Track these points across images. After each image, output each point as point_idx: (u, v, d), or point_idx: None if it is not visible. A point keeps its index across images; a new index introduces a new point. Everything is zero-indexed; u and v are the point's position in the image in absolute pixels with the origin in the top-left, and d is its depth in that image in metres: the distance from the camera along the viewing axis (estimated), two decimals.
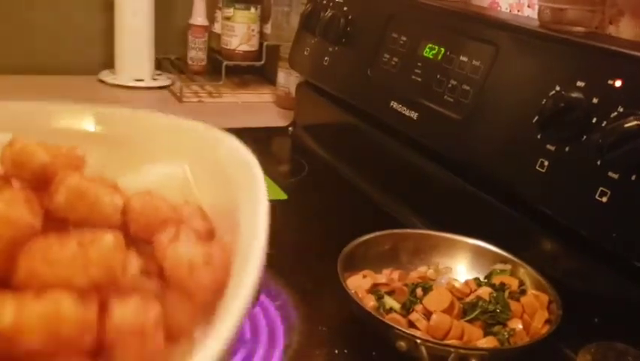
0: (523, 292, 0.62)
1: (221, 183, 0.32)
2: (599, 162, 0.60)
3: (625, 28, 0.76)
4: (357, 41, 1.02)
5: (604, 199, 0.59)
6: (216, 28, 1.49)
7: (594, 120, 0.61)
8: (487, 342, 0.57)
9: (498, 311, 0.59)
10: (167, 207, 0.30)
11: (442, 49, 0.84)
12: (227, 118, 1.29)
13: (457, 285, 0.64)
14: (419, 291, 0.62)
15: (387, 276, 0.65)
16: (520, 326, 0.58)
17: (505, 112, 0.72)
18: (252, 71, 1.53)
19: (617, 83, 0.60)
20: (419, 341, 0.54)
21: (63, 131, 0.31)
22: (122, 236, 0.26)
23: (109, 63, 1.45)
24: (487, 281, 0.65)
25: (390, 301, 0.61)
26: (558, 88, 0.65)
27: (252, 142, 1.18)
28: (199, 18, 1.46)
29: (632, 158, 0.56)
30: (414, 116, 0.86)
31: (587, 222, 0.61)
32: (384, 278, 0.65)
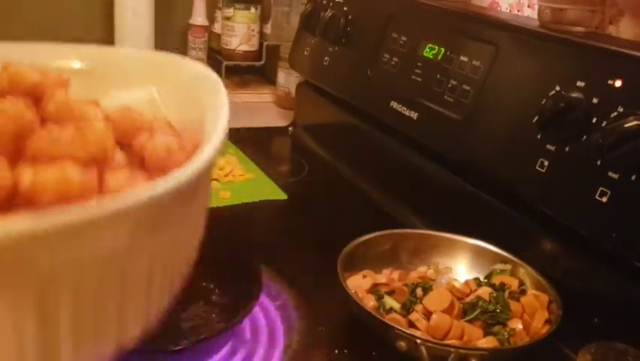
0: (523, 292, 0.62)
1: (187, 101, 0.36)
2: (599, 162, 0.60)
3: (625, 28, 0.76)
4: (357, 41, 1.02)
5: (604, 199, 0.59)
6: (216, 28, 1.49)
7: (594, 120, 0.61)
8: (487, 342, 0.57)
9: (498, 311, 0.59)
10: (143, 118, 0.35)
11: (442, 49, 0.84)
12: None
13: (457, 285, 0.64)
14: (419, 291, 0.62)
15: (387, 276, 0.65)
16: (520, 326, 0.58)
17: (505, 112, 0.72)
18: (252, 71, 1.53)
19: (617, 83, 0.60)
20: (419, 341, 0.54)
21: (44, 67, 0.35)
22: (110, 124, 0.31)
23: None
24: (487, 281, 0.65)
25: (390, 301, 0.61)
26: (558, 88, 0.65)
27: (252, 142, 1.18)
28: (199, 18, 1.46)
29: (632, 158, 0.56)
30: (414, 116, 0.86)
31: (587, 222, 0.61)
32: (384, 278, 0.65)
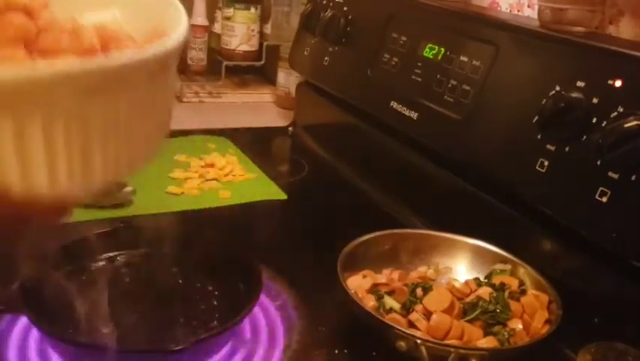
0: (523, 292, 0.62)
1: (148, 20, 0.40)
2: (599, 162, 0.60)
3: (625, 28, 0.76)
4: (357, 41, 1.02)
5: (604, 199, 0.59)
6: (216, 28, 1.49)
7: (594, 120, 0.61)
8: (487, 342, 0.57)
9: (498, 311, 0.59)
10: (118, 32, 0.39)
11: (442, 49, 0.84)
12: (227, 118, 1.28)
13: (457, 285, 0.64)
14: (419, 291, 0.62)
15: (387, 276, 0.65)
16: (520, 326, 0.58)
17: (505, 112, 0.72)
18: (252, 71, 1.53)
19: (617, 83, 0.60)
20: (419, 341, 0.54)
21: None
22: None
23: None
24: (487, 281, 0.65)
25: (390, 301, 0.61)
26: (558, 88, 0.65)
27: (252, 142, 1.18)
28: (199, 18, 1.46)
29: (632, 158, 0.56)
30: (414, 116, 0.86)
31: (587, 222, 0.61)
32: (384, 278, 0.65)
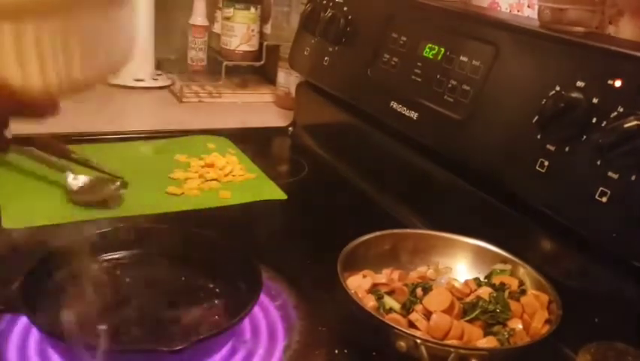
0: (523, 292, 0.62)
1: None
2: (599, 162, 0.60)
3: (625, 28, 0.76)
4: (357, 41, 1.02)
5: (604, 199, 0.59)
6: (216, 28, 1.49)
7: (594, 120, 0.61)
8: (487, 342, 0.57)
9: (498, 311, 0.59)
10: None
11: (442, 49, 0.84)
12: (227, 118, 1.29)
13: (457, 285, 0.64)
14: (419, 291, 0.62)
15: (387, 276, 0.65)
16: (520, 326, 0.58)
17: (505, 112, 0.72)
18: (252, 71, 1.53)
19: (617, 83, 0.60)
20: (419, 341, 0.54)
21: None
22: None
23: None
24: (487, 281, 0.65)
25: (390, 301, 0.61)
26: (558, 88, 0.65)
27: (252, 142, 1.18)
28: (199, 18, 1.46)
29: (632, 158, 0.56)
30: (414, 116, 0.86)
31: (587, 222, 0.61)
32: (384, 278, 0.65)
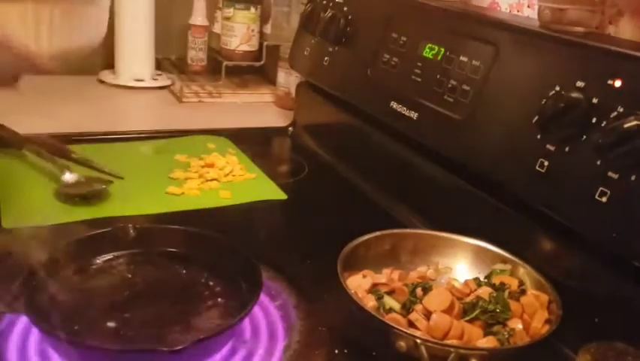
0: (523, 292, 0.62)
1: None
2: (599, 162, 0.60)
3: (625, 28, 0.76)
4: (357, 41, 1.02)
5: (604, 199, 0.59)
6: (216, 28, 1.49)
7: (594, 120, 0.61)
8: (487, 342, 0.57)
9: (498, 311, 0.59)
10: None
11: (442, 49, 0.84)
12: (227, 118, 1.29)
13: (457, 285, 0.64)
14: (419, 291, 0.62)
15: (387, 276, 0.65)
16: (520, 326, 0.58)
17: (505, 112, 0.72)
18: (252, 71, 1.53)
19: (617, 83, 0.60)
20: (419, 341, 0.54)
21: None
22: None
23: (109, 63, 1.45)
24: (487, 281, 0.65)
25: (390, 301, 0.61)
26: (558, 88, 0.65)
27: (252, 142, 1.18)
28: (199, 18, 1.46)
29: (632, 158, 0.56)
30: (414, 116, 0.86)
31: (587, 222, 0.61)
32: (384, 278, 0.65)
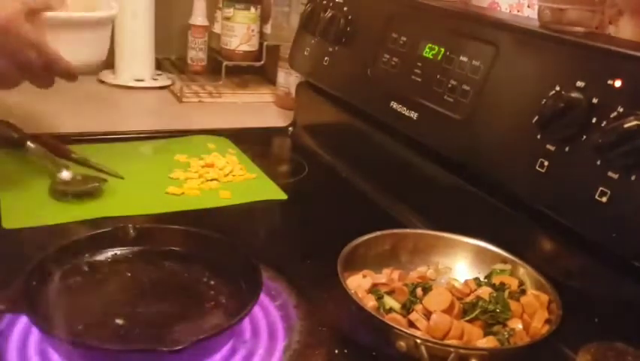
0: (523, 292, 0.62)
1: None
2: (599, 162, 0.60)
3: (625, 28, 0.76)
4: (357, 41, 1.02)
5: (604, 199, 0.59)
6: (216, 28, 1.49)
7: (594, 120, 0.61)
8: (487, 342, 0.57)
9: (498, 311, 0.59)
10: None
11: (442, 49, 0.84)
12: (227, 118, 1.29)
13: (457, 285, 0.64)
14: (419, 291, 0.62)
15: (387, 276, 0.65)
16: (520, 326, 0.58)
17: (505, 112, 0.72)
18: (252, 71, 1.53)
19: (617, 83, 0.60)
20: (419, 341, 0.54)
21: None
22: None
23: (109, 63, 1.45)
24: (487, 281, 0.65)
25: (390, 301, 0.61)
26: (558, 88, 0.65)
27: (252, 142, 1.18)
28: (199, 18, 1.46)
29: (632, 158, 0.56)
30: (414, 116, 0.86)
31: (587, 222, 0.61)
32: (384, 278, 0.65)
